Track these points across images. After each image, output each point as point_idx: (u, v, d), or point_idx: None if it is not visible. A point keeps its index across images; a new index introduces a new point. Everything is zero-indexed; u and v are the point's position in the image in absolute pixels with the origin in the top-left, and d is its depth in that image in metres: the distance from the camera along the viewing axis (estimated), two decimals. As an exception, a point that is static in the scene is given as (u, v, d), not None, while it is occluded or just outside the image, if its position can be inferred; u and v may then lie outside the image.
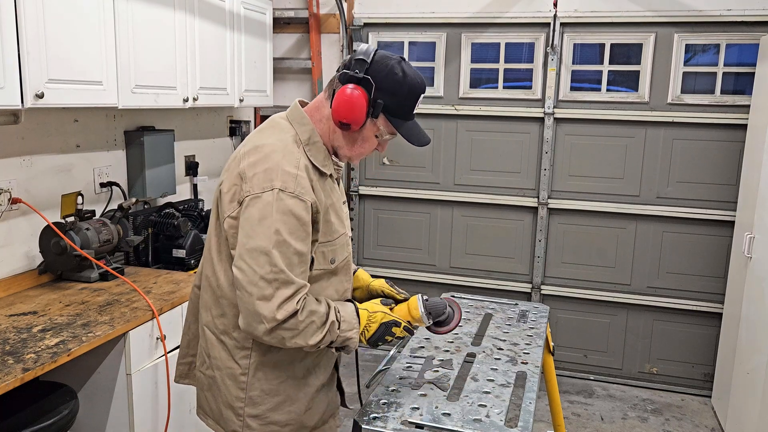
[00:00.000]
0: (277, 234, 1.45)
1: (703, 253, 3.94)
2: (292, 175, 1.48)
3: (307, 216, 1.49)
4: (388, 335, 1.60)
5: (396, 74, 1.52)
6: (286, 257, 1.45)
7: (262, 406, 1.62)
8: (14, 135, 2.58)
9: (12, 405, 2.04)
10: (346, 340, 1.55)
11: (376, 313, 1.61)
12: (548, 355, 2.48)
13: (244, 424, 1.63)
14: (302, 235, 1.48)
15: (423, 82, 1.59)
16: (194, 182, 3.78)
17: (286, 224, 1.45)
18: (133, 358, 2.32)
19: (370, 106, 1.52)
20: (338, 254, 1.64)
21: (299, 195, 1.47)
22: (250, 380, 1.62)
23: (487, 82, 4.21)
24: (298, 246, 1.47)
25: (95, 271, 2.70)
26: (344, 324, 1.55)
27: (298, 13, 4.27)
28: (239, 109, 4.27)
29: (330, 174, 1.62)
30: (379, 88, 1.52)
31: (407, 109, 1.57)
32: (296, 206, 1.46)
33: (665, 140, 3.90)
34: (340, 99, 1.51)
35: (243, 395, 1.62)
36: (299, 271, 1.48)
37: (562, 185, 4.11)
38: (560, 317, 4.21)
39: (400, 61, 1.56)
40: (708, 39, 3.79)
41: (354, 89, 1.50)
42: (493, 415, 1.61)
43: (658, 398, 4.00)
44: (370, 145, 1.61)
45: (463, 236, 4.34)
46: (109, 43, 2.53)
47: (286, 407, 1.64)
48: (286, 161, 1.50)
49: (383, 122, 1.57)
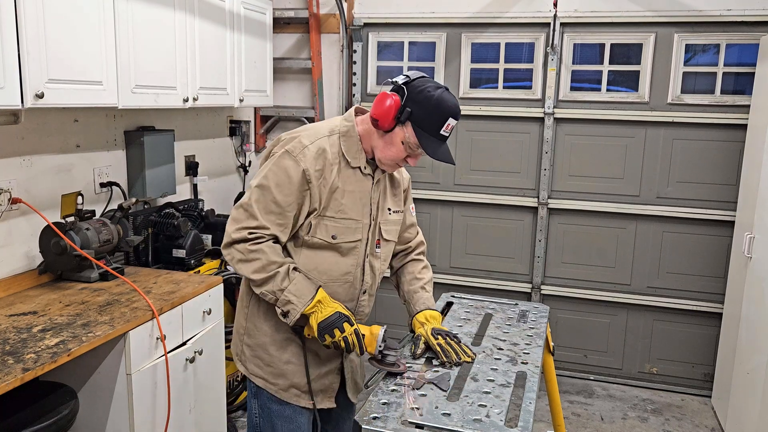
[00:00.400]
0: (265, 179, 1.77)
1: (703, 253, 3.94)
2: (302, 145, 1.78)
3: (297, 178, 1.75)
4: (338, 328, 1.74)
5: (429, 91, 1.73)
6: (264, 200, 1.76)
7: (254, 339, 1.93)
8: (14, 135, 2.58)
9: (12, 405, 2.03)
10: (287, 302, 1.75)
11: (336, 303, 1.80)
12: (548, 355, 2.48)
13: (242, 350, 1.97)
14: (286, 191, 1.76)
15: (455, 107, 1.75)
16: (194, 182, 3.78)
17: (276, 176, 1.76)
18: (133, 358, 2.31)
19: (400, 111, 1.74)
20: (342, 234, 1.84)
21: (298, 160, 1.76)
22: (250, 313, 1.93)
23: (487, 82, 4.21)
24: (278, 197, 1.76)
25: (95, 271, 2.69)
26: (293, 287, 1.75)
27: (298, 13, 4.27)
28: (239, 109, 4.27)
29: (359, 167, 1.84)
30: (411, 98, 1.74)
31: (434, 124, 1.74)
32: (291, 167, 1.76)
33: (665, 140, 3.90)
34: (377, 98, 1.77)
35: (245, 324, 1.96)
36: (273, 219, 1.77)
37: (562, 185, 4.11)
38: (560, 317, 4.21)
39: (440, 87, 1.76)
40: (708, 39, 3.79)
41: (390, 94, 1.75)
42: (493, 415, 1.61)
43: (658, 398, 4.00)
44: (397, 150, 1.79)
45: (463, 236, 4.34)
46: (109, 43, 2.53)
47: (271, 350, 1.91)
48: (306, 136, 1.81)
49: (409, 131, 1.75)
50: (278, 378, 1.92)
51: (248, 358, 1.95)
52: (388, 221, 1.97)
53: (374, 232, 1.92)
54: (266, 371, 1.92)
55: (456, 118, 1.75)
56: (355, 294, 1.93)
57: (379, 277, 2.00)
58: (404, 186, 2.06)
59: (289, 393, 1.93)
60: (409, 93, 1.74)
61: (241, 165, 4.38)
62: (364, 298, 1.96)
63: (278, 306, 1.77)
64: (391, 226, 1.98)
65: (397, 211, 2.00)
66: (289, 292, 1.74)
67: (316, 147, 1.78)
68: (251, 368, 1.95)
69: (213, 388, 2.87)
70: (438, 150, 1.76)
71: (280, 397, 1.93)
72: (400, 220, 2.03)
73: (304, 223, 1.82)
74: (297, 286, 1.75)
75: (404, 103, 1.74)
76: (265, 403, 1.94)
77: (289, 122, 4.47)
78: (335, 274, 1.87)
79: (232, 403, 3.32)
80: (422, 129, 1.74)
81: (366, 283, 1.94)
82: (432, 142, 1.75)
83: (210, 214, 3.51)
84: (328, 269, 1.86)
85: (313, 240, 1.83)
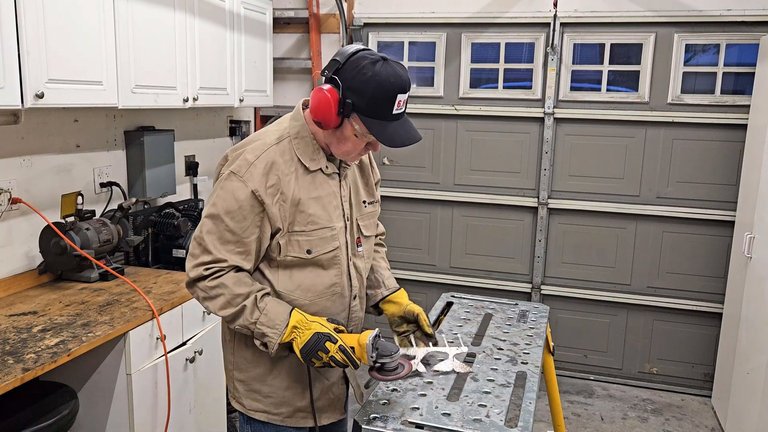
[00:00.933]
0: (214, 207, 1.61)
1: (703, 253, 3.94)
2: (247, 162, 1.60)
3: (247, 200, 1.58)
4: (321, 350, 1.55)
5: (364, 74, 1.52)
6: (218, 231, 1.60)
7: (245, 372, 1.76)
8: (14, 135, 2.58)
9: (12, 405, 2.04)
10: (262, 335, 1.60)
11: (313, 323, 1.60)
12: (548, 355, 2.49)
13: (234, 387, 1.79)
14: (238, 217, 1.59)
15: (399, 81, 1.53)
16: (194, 182, 3.78)
17: (225, 201, 1.59)
18: (133, 358, 2.32)
19: (341, 105, 1.54)
20: (317, 246, 1.67)
21: (245, 181, 1.58)
22: (236, 346, 1.77)
23: (487, 82, 4.21)
24: (231, 224, 1.59)
25: (95, 271, 2.70)
26: (263, 318, 1.59)
27: (298, 13, 4.26)
28: (239, 109, 4.27)
29: (320, 169, 1.67)
30: (348, 88, 1.54)
31: (381, 108, 1.54)
32: (238, 189, 1.58)
33: (665, 140, 3.90)
34: (312, 98, 1.58)
35: (232, 358, 1.79)
36: (231, 248, 1.60)
37: (562, 185, 4.11)
38: (560, 317, 4.21)
39: (377, 60, 1.53)
40: (708, 39, 3.79)
41: (327, 89, 1.55)
42: (493, 415, 1.61)
43: (658, 398, 4.00)
44: (353, 144, 1.62)
45: (463, 236, 4.34)
46: (109, 43, 2.53)
47: (268, 380, 1.75)
48: (250, 150, 1.63)
49: (358, 122, 1.57)
50: (281, 407, 1.76)
51: (243, 394, 1.77)
52: (365, 215, 1.81)
53: (352, 232, 1.77)
54: (266, 403, 1.76)
55: (404, 91, 1.54)
56: (346, 302, 1.78)
57: (365, 276, 1.86)
58: (376, 176, 1.89)
59: (294, 418, 1.78)
60: (343, 82, 1.53)
61: (241, 165, 4.37)
62: (356, 303, 1.82)
63: (255, 338, 1.63)
64: (368, 220, 1.83)
65: (372, 202, 1.84)
66: (261, 324, 1.58)
67: (263, 162, 1.59)
68: (249, 404, 1.77)
69: (213, 388, 2.87)
70: (396, 135, 1.56)
71: (284, 425, 1.78)
72: (377, 212, 1.87)
73: (271, 244, 1.64)
74: (268, 315, 1.59)
75: (342, 94, 1.53)
76: (260, 429, 1.80)
77: (289, 122, 4.46)
78: (320, 289, 1.71)
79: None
80: (371, 117, 1.54)
81: (354, 287, 1.79)
82: (386, 127, 1.56)
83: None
84: (312, 285, 1.69)
85: (287, 259, 1.65)
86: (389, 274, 1.96)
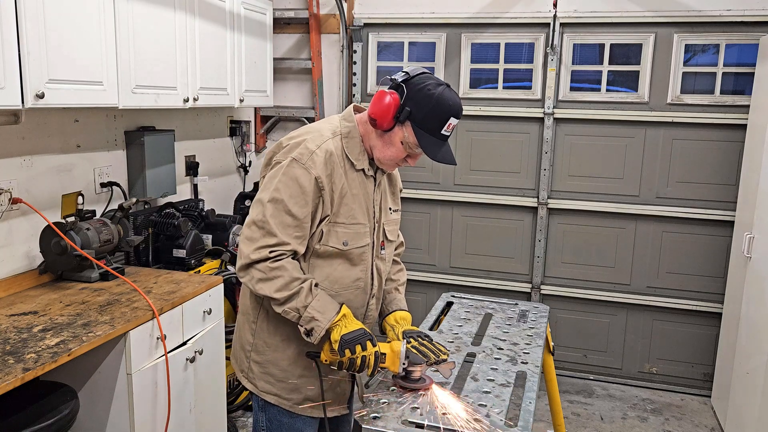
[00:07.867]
0: (276, 191, 1.69)
1: (703, 253, 3.94)
2: (309, 151, 1.71)
3: (310, 186, 1.69)
4: (360, 345, 1.66)
5: (429, 89, 1.67)
6: (279, 214, 1.68)
7: (263, 355, 1.86)
8: (15, 135, 2.58)
9: (12, 405, 2.03)
10: (311, 320, 1.67)
11: (359, 322, 1.73)
12: (548, 355, 2.49)
13: (249, 367, 1.89)
14: (301, 202, 1.69)
15: (456, 105, 1.69)
16: (194, 182, 3.78)
17: (288, 187, 1.68)
18: (133, 358, 2.32)
19: (399, 110, 1.69)
20: (353, 239, 1.79)
21: (308, 168, 1.69)
22: (258, 328, 1.86)
23: (487, 82, 4.21)
24: (294, 209, 1.68)
25: (95, 271, 2.70)
26: (316, 303, 1.68)
27: (298, 13, 4.27)
28: (239, 109, 4.27)
29: (363, 169, 1.79)
30: (410, 97, 1.68)
31: (434, 124, 1.68)
32: (302, 176, 1.68)
33: (665, 140, 3.90)
34: (375, 97, 1.71)
35: (252, 340, 1.87)
36: (291, 232, 1.69)
37: (562, 185, 4.11)
38: (560, 317, 4.21)
39: (441, 84, 1.70)
40: (708, 39, 3.79)
41: (389, 92, 1.69)
42: (493, 415, 1.61)
43: (657, 398, 4.00)
44: (396, 152, 1.75)
45: (463, 236, 4.34)
46: (110, 43, 2.54)
47: (282, 364, 1.84)
48: (311, 140, 1.74)
49: (409, 130, 1.70)
50: (292, 393, 1.86)
51: (257, 375, 1.87)
52: (390, 221, 1.93)
53: (378, 235, 1.88)
54: (279, 387, 1.86)
55: (458, 117, 1.70)
56: (366, 299, 1.89)
57: (385, 279, 1.96)
58: (399, 185, 2.02)
59: (303, 406, 1.86)
60: (408, 91, 1.68)
61: (242, 165, 4.38)
62: (372, 302, 1.92)
63: (301, 324, 1.69)
64: (393, 226, 1.95)
65: (396, 210, 1.97)
66: (312, 308, 1.67)
67: (323, 151, 1.72)
68: (261, 385, 1.87)
69: (213, 388, 2.87)
70: (439, 151, 1.71)
71: (294, 411, 1.87)
72: (399, 219, 2.00)
73: (315, 231, 1.75)
74: (320, 302, 1.69)
75: (403, 102, 1.68)
76: (275, 416, 1.89)
77: (290, 122, 4.47)
78: (346, 282, 1.82)
79: (232, 402, 3.32)
80: (422, 129, 1.69)
81: (374, 287, 1.89)
82: (432, 143, 1.70)
83: (210, 214, 3.52)
84: (339, 277, 1.80)
85: (323, 248, 1.76)
86: (396, 297, 2.02)
